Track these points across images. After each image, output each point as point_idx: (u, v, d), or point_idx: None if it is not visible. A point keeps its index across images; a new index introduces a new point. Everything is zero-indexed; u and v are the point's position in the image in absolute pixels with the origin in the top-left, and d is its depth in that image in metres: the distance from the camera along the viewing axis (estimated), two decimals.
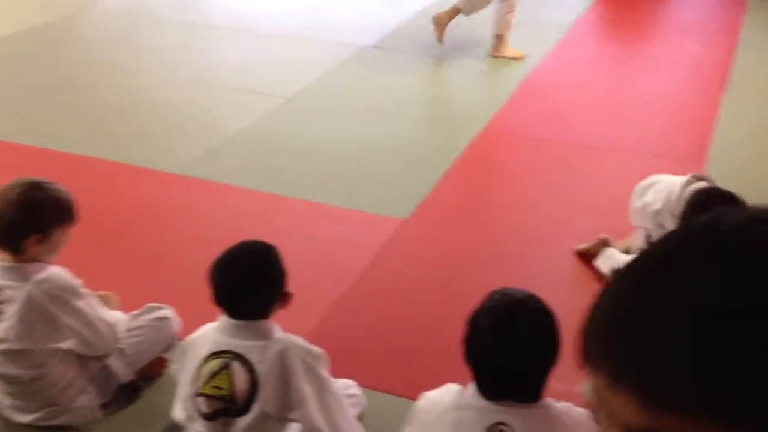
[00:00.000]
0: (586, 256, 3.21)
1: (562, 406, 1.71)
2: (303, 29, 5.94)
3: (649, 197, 3.01)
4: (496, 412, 1.65)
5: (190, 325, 2.28)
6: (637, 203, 3.08)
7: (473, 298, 1.79)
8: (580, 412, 1.76)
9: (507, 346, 1.67)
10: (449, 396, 1.74)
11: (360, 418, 2.24)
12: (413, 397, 1.91)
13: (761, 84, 5.04)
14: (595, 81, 5.11)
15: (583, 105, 4.75)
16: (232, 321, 2.01)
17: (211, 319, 2.09)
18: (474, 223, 3.56)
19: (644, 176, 3.33)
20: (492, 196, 3.78)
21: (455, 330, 1.76)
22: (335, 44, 5.60)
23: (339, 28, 5.95)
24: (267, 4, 6.53)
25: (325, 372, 2.04)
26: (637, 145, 4.26)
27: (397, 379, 2.57)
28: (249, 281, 2.01)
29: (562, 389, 2.38)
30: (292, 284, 2.11)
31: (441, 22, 5.33)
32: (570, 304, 2.91)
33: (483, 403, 1.67)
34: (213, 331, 2.03)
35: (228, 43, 5.65)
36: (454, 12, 5.34)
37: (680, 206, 2.75)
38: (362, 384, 2.34)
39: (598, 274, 3.09)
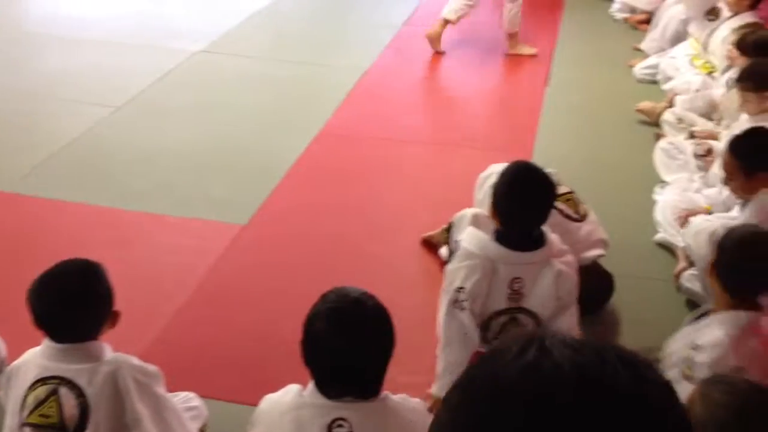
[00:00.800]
0: (431, 246, 3.30)
1: (398, 397, 1.75)
2: (131, 35, 5.74)
3: (487, 188, 3.12)
4: (335, 409, 1.67)
5: (17, 351, 2.15)
6: (479, 195, 3.18)
7: (314, 300, 1.79)
8: (416, 402, 1.80)
9: (345, 345, 1.68)
10: (289, 396, 1.73)
11: (202, 430, 2.19)
12: (256, 404, 1.89)
13: (577, 78, 5.34)
14: (427, 80, 5.26)
15: (417, 103, 4.87)
16: (57, 345, 1.91)
17: (39, 343, 1.98)
18: (314, 224, 3.56)
19: (477, 169, 3.46)
20: (331, 196, 3.79)
21: (296, 333, 1.76)
22: (165, 50, 5.46)
23: (168, 34, 5.80)
24: (90, 9, 6.26)
25: (161, 389, 1.98)
26: (469, 139, 4.41)
27: (240, 386, 2.54)
28: (70, 301, 1.91)
29: (405, 381, 2.45)
30: (128, 298, 2.04)
31: (435, 38, 5.51)
32: (412, 298, 3.02)
33: (322, 401, 1.68)
34: (37, 356, 1.93)
35: (52, 51, 5.38)
36: (444, 23, 5.53)
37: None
38: (203, 395, 2.29)
39: (441, 265, 3.18)
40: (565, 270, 2.41)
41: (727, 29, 4.46)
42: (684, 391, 1.66)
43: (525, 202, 2.42)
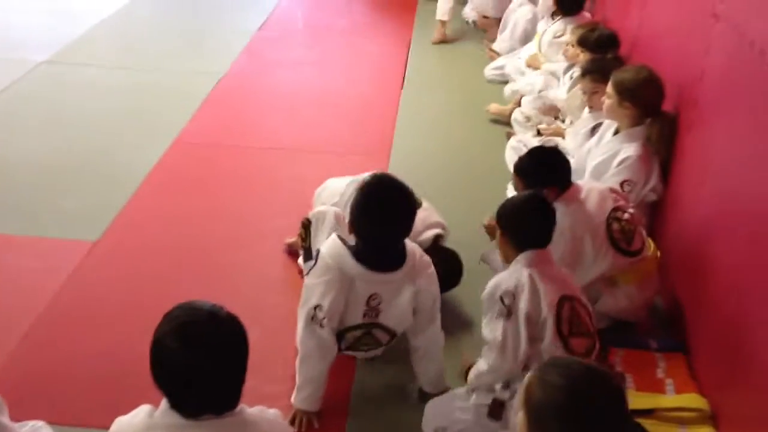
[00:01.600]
0: (294, 252, 3.28)
1: (254, 410, 1.71)
2: None
3: (318, 204, 3.15)
4: (190, 428, 1.61)
5: None
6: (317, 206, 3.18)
7: None
8: (273, 413, 1.77)
9: (202, 360, 1.61)
10: (139, 418, 1.66)
11: None
12: (108, 426, 1.81)
13: (431, 80, 5.46)
14: (283, 85, 5.21)
15: (273, 109, 4.83)
16: None
17: None
18: (170, 235, 3.46)
19: (335, 173, 3.47)
20: (188, 206, 3.70)
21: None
22: (5, 62, 5.19)
23: (8, 45, 5.52)
24: None
25: (5, 419, 1.86)
26: (327, 144, 4.42)
27: (92, 410, 2.44)
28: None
29: (268, 391, 2.42)
30: None
31: (441, 41, 6.11)
32: (272, 307, 2.98)
33: (176, 420, 1.62)
34: None
35: None
36: (442, 25, 6.15)
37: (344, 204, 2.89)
38: (53, 421, 2.18)
39: (301, 272, 3.17)
40: (425, 287, 2.43)
41: (550, 34, 4.72)
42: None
43: (383, 222, 2.36)
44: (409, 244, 2.46)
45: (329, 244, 2.44)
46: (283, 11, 6.76)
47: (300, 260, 3.19)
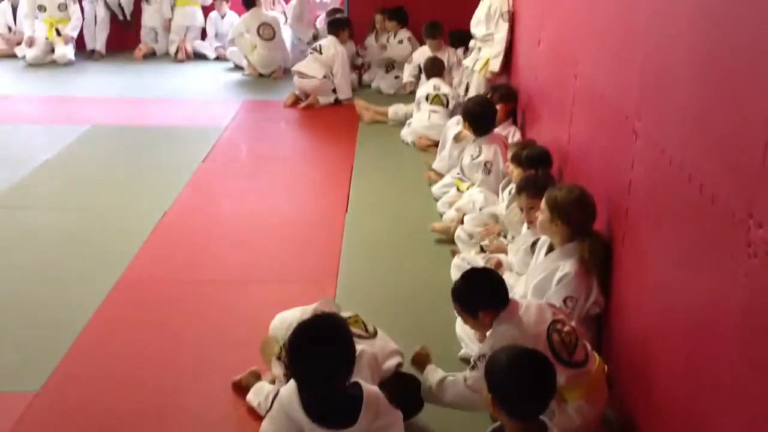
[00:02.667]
0: (241, 389, 3.22)
1: None
2: None
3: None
4: None
5: None
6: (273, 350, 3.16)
7: None
8: None
9: None
10: None
11: None
12: None
13: (375, 201, 5.54)
14: (228, 215, 5.25)
15: (218, 241, 4.83)
16: None
17: None
18: (116, 382, 3.37)
19: (282, 303, 3.46)
20: (132, 349, 3.62)
21: None
22: None
23: None
24: None
25: None
26: (273, 273, 4.42)
27: None
28: None
29: None
30: None
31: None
32: None
33: None
34: None
35: None
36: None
37: None
38: None
39: (252, 411, 3.11)
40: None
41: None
42: None
43: (315, 363, 2.29)
44: (369, 389, 2.39)
45: (287, 388, 2.40)
46: (226, 141, 6.87)
47: (249, 395, 3.14)
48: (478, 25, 6.50)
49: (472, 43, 6.78)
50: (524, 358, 2.27)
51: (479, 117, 5.10)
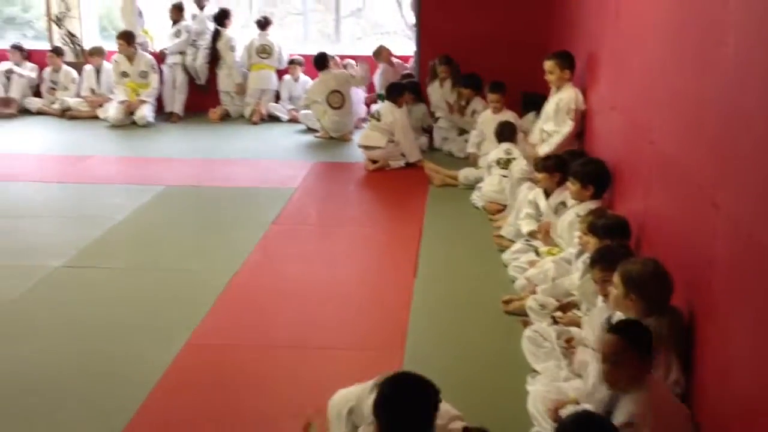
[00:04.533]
0: None
1: None
2: None
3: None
4: None
5: None
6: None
7: None
8: None
9: None
10: None
11: None
12: None
13: (444, 268, 5.46)
14: (296, 279, 5.23)
15: (286, 306, 4.82)
16: None
17: None
18: None
19: (349, 373, 3.41)
20: (199, 412, 3.61)
21: None
22: (23, 268, 5.27)
23: (26, 251, 5.64)
24: None
25: None
26: (340, 340, 4.36)
27: None
28: None
29: None
30: None
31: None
32: None
33: None
34: None
35: None
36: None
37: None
38: None
39: None
40: None
41: (572, 215, 4.73)
42: None
43: (402, 416, 2.45)
44: None
45: None
46: (296, 203, 6.91)
47: None
48: (547, 121, 6.39)
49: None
50: None
51: (599, 176, 4.82)
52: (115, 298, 4.90)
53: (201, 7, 10.68)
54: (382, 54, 10.17)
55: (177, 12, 10.57)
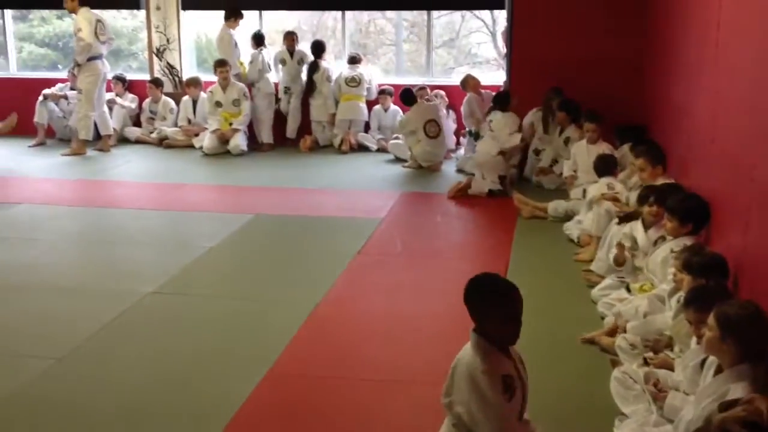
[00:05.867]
0: None
1: None
2: (79, 280, 5.75)
3: None
4: None
5: None
6: None
7: None
8: None
9: None
10: None
11: None
12: None
13: (531, 302, 5.28)
14: (378, 311, 5.19)
15: (370, 337, 4.78)
16: None
17: None
18: None
19: (434, 407, 3.32)
20: None
21: None
22: (114, 293, 5.42)
23: (119, 276, 5.80)
24: (38, 256, 6.29)
25: None
26: (423, 373, 4.28)
27: None
28: None
29: None
30: None
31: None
32: None
33: None
34: None
35: None
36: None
37: None
38: None
39: None
40: None
41: (666, 250, 4.53)
42: None
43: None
44: None
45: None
46: (382, 233, 6.90)
47: None
48: None
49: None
50: None
51: (699, 213, 4.61)
52: (201, 325, 4.96)
53: (291, 49, 10.87)
54: (468, 83, 10.13)
55: (255, 42, 10.83)
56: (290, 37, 10.87)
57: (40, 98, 11.02)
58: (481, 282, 3.06)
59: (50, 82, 11.31)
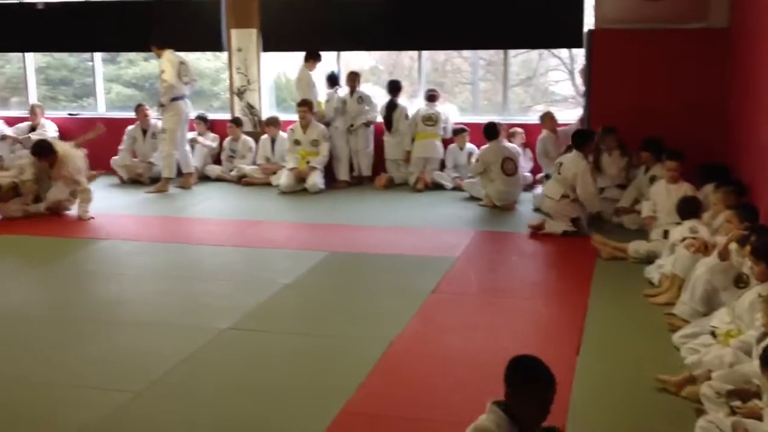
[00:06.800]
0: None
1: None
2: (158, 315, 5.86)
3: None
4: None
5: None
6: None
7: None
8: None
9: None
10: None
11: None
12: None
13: (609, 346, 5.17)
14: (452, 351, 5.12)
15: (443, 378, 4.71)
16: None
17: None
18: None
19: None
20: None
21: None
22: (193, 328, 5.50)
23: (199, 311, 5.89)
24: (126, 292, 6.46)
25: None
26: None
27: None
28: None
29: None
30: None
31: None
32: None
33: None
34: None
35: (80, 336, 5.45)
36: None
37: None
38: None
39: None
40: None
41: (754, 294, 4.36)
42: None
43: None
44: None
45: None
46: (456, 272, 6.84)
47: None
48: None
49: None
50: None
51: None
52: (277, 361, 4.99)
53: (352, 89, 10.99)
54: (545, 120, 10.06)
55: (330, 82, 11.02)
56: (352, 77, 11.01)
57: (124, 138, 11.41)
58: (525, 365, 3.15)
59: (134, 121, 11.67)
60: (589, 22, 9.84)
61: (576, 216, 8.01)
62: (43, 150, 9.27)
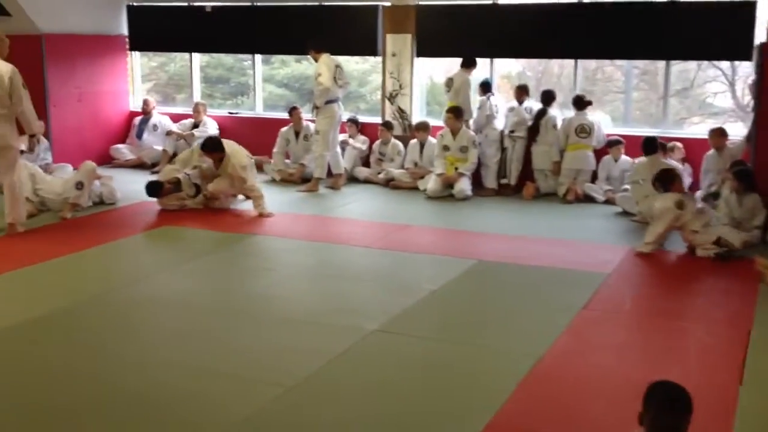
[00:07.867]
0: None
1: None
2: (308, 312, 6.00)
3: None
4: None
5: None
6: None
7: None
8: None
9: None
10: None
11: None
12: None
13: None
14: (603, 371, 4.95)
15: (592, 398, 4.56)
16: None
17: None
18: None
19: None
20: None
21: None
22: (342, 328, 5.59)
23: (347, 311, 5.98)
24: (278, 288, 6.65)
25: None
26: None
27: None
28: None
29: None
30: None
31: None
32: None
33: None
34: None
35: (236, 329, 5.65)
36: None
37: None
38: None
39: None
40: None
41: None
42: None
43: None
44: None
45: None
46: (609, 289, 6.63)
47: None
48: None
49: None
50: None
51: None
52: (423, 366, 5.00)
53: (520, 102, 10.87)
54: (711, 138, 9.59)
55: (483, 89, 10.95)
56: (520, 91, 10.91)
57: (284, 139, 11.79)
58: (664, 391, 3.17)
59: (286, 122, 12.01)
60: (760, 34, 9.31)
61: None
62: (212, 146, 9.72)
